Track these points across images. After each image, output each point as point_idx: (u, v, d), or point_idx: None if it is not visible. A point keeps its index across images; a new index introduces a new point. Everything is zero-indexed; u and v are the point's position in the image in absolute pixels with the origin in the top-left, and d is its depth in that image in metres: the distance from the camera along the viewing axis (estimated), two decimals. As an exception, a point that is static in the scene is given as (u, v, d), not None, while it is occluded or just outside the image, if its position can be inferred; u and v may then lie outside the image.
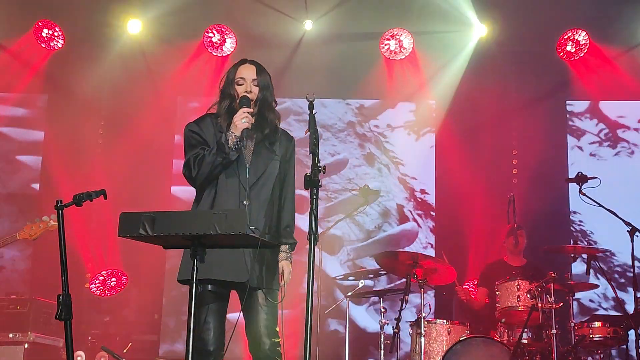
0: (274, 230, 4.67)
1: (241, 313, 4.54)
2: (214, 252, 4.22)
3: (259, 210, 4.60)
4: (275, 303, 4.60)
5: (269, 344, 4.56)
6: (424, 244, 9.24)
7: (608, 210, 7.23)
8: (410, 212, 9.38)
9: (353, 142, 9.62)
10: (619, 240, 7.24)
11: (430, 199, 9.34)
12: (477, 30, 9.14)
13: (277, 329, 4.60)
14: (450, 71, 9.24)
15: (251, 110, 4.60)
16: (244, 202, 4.56)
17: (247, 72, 4.75)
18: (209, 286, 4.51)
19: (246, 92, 4.66)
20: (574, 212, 9.13)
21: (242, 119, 4.54)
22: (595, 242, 7.63)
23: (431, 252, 9.02)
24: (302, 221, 5.45)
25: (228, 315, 4.68)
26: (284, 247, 4.70)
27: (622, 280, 8.72)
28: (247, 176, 4.64)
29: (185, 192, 8.91)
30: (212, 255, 4.21)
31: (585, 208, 8.42)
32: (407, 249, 8.75)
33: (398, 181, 9.47)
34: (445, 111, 9.34)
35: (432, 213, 9.29)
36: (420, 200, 9.35)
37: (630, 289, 7.32)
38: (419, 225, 9.32)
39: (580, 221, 9.06)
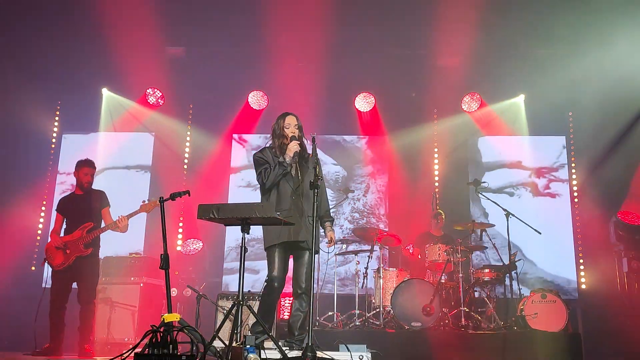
0: (317, 214, 4.49)
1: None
2: (285, 227, 4.37)
3: (303, 202, 4.60)
4: (313, 260, 4.52)
5: (305, 285, 4.56)
6: (383, 222, 8.93)
7: (493, 201, 7.26)
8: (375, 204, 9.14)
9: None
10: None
11: (386, 195, 9.08)
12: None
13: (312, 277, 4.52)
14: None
15: (299, 142, 4.68)
16: (293, 198, 4.60)
17: (292, 121, 4.78)
18: (279, 245, 4.54)
19: (293, 133, 4.70)
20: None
21: (294, 146, 4.61)
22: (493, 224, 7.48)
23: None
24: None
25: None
26: (329, 223, 4.82)
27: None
28: (295, 182, 4.66)
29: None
30: (284, 228, 4.38)
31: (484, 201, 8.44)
32: (372, 226, 8.52)
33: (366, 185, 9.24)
34: (396, 144, 9.05)
35: (387, 203, 9.02)
36: (380, 196, 9.07)
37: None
38: (380, 211, 9.04)
39: (479, 209, 8.81)
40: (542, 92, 8.53)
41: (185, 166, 9.19)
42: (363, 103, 8.96)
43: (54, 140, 9.20)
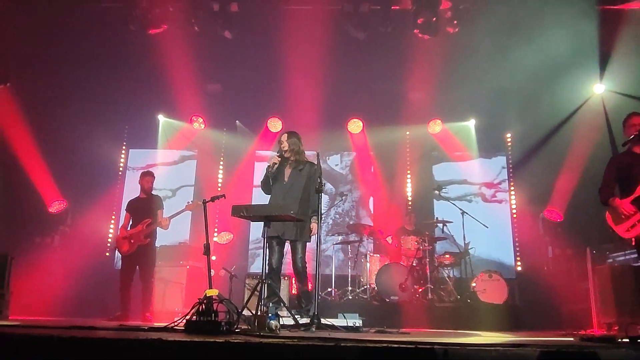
0: (305, 211, 4.46)
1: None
2: (275, 224, 4.27)
3: (291, 203, 4.53)
4: (303, 248, 4.51)
5: (301, 266, 4.55)
6: (354, 220, 8.67)
7: (452, 202, 7.27)
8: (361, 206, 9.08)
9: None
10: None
11: (358, 204, 8.95)
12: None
13: (305, 260, 4.51)
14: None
15: (278, 154, 4.57)
16: (283, 200, 4.56)
17: (283, 137, 4.70)
18: (275, 238, 4.51)
19: (282, 148, 4.64)
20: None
21: (270, 159, 4.58)
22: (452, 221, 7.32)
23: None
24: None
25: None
26: (314, 218, 4.55)
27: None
28: (285, 186, 4.60)
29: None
30: (275, 225, 4.28)
31: (442, 204, 8.35)
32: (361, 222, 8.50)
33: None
34: (379, 157, 8.96)
35: (358, 209, 8.96)
36: (353, 205, 9.00)
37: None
38: (352, 213, 8.93)
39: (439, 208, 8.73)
40: (488, 117, 8.47)
41: (220, 175, 9.09)
42: (354, 126, 8.92)
43: (122, 156, 9.17)
